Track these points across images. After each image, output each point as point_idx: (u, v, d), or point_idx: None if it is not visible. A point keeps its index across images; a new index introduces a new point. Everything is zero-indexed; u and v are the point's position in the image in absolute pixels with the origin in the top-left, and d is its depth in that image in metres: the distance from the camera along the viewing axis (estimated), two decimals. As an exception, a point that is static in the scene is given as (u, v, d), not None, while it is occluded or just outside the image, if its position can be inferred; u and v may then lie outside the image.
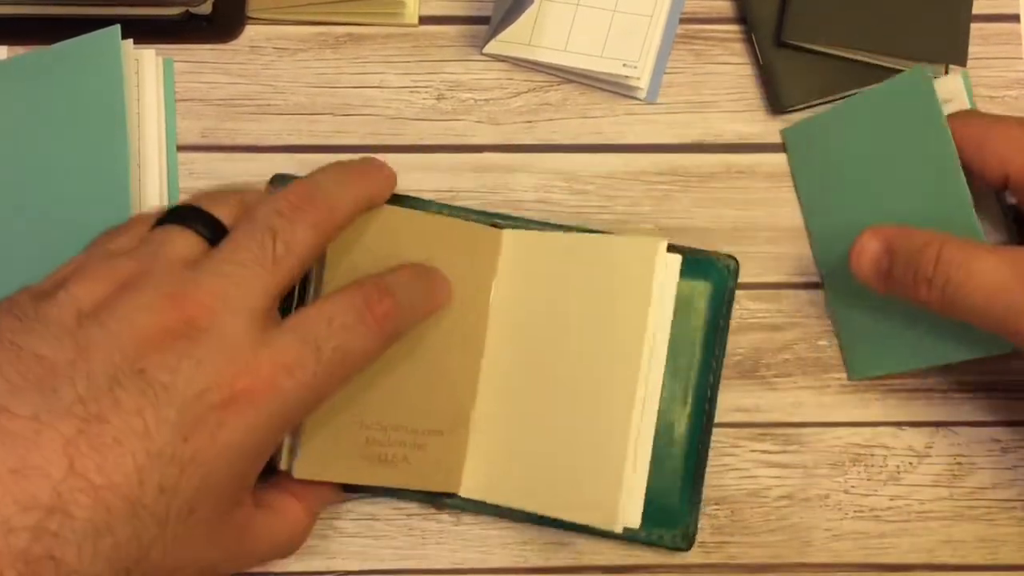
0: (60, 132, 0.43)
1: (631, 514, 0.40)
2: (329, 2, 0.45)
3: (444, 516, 0.42)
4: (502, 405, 0.41)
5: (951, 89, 0.42)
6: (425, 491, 0.41)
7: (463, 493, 0.41)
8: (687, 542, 0.41)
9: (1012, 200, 0.41)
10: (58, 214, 0.42)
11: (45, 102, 0.43)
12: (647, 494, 0.40)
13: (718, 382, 0.42)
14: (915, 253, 0.37)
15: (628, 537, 0.41)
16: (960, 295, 0.36)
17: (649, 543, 0.41)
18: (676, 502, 0.41)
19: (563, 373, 0.40)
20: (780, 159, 0.45)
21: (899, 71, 0.45)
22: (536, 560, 0.42)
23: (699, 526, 0.42)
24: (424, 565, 0.42)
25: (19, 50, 0.45)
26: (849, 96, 0.45)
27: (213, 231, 0.34)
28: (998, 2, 0.47)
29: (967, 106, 0.42)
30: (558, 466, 0.40)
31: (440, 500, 0.41)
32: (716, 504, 0.43)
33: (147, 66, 0.44)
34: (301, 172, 0.44)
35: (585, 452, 0.40)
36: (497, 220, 0.42)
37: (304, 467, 0.38)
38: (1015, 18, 0.47)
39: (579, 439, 0.39)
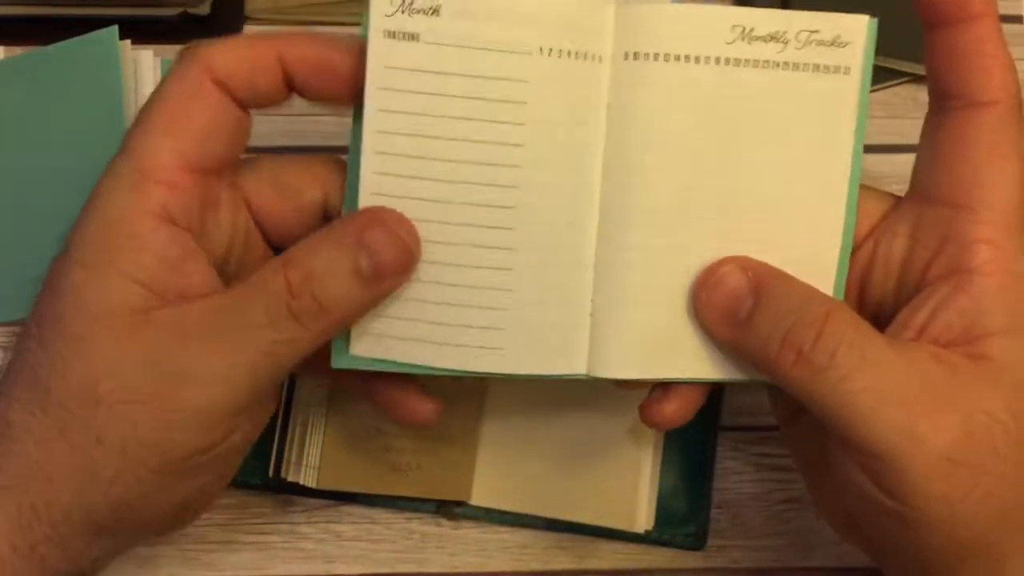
0: (57, 132, 0.42)
1: (646, 515, 0.40)
2: (327, 3, 0.45)
3: (443, 520, 0.42)
4: (511, 408, 0.41)
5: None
6: (436, 499, 0.41)
7: (474, 501, 0.41)
8: (700, 541, 0.41)
9: None
10: (55, 214, 0.42)
11: (42, 102, 0.43)
12: (659, 495, 0.41)
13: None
14: (793, 309, 0.29)
15: (642, 538, 0.41)
16: (842, 387, 0.27)
17: (662, 543, 0.41)
18: (687, 501, 0.41)
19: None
20: (781, 160, 0.45)
21: (901, 71, 0.45)
22: (536, 564, 0.42)
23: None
24: (423, 569, 0.42)
25: (17, 50, 0.45)
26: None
27: None
28: (1001, 3, 0.46)
29: (861, 55, 0.32)
30: (572, 469, 0.40)
31: (450, 509, 0.41)
32: (718, 508, 0.42)
33: (145, 67, 0.44)
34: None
35: (599, 454, 0.40)
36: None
37: (326, 478, 0.39)
38: (1018, 19, 0.47)
39: (592, 440, 0.39)
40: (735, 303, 0.30)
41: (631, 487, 0.40)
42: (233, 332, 0.29)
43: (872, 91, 0.45)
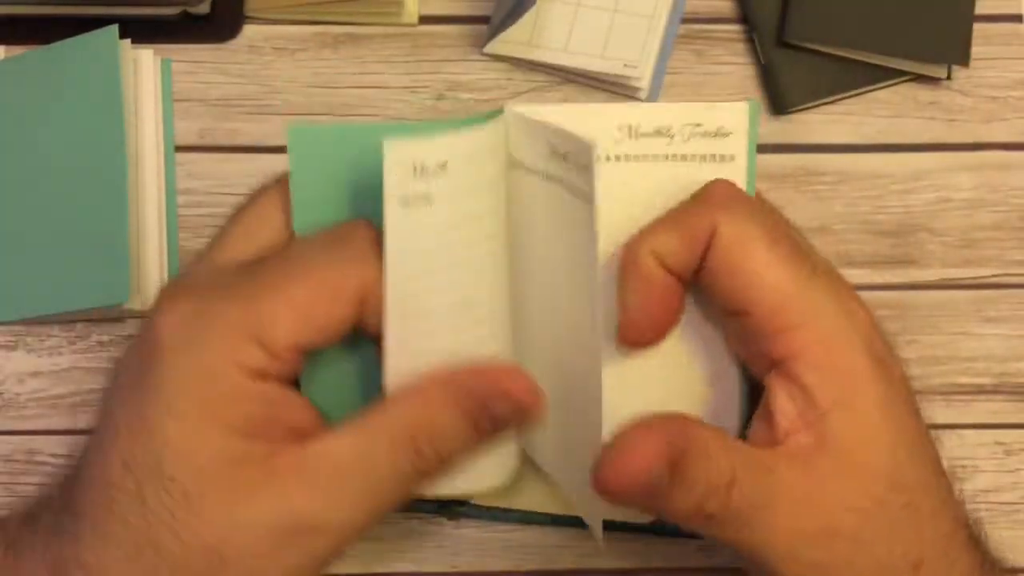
0: (57, 132, 0.42)
1: None
2: (328, 2, 0.45)
3: (443, 519, 0.42)
4: None
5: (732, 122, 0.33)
6: (437, 499, 0.41)
7: (475, 499, 0.41)
8: None
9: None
10: (55, 214, 0.42)
11: (42, 102, 0.43)
12: None
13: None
14: (703, 484, 0.29)
15: (647, 528, 0.41)
16: (741, 535, 0.30)
17: (667, 533, 0.41)
18: None
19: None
20: (781, 159, 0.45)
21: (901, 72, 0.45)
22: (536, 563, 0.42)
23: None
24: (423, 568, 0.42)
25: (17, 50, 0.45)
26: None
27: None
28: (1000, 2, 0.47)
29: (744, 143, 0.33)
30: (575, 466, 0.40)
31: (451, 508, 0.41)
32: (717, 507, 0.42)
33: (145, 66, 0.44)
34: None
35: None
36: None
37: None
38: (1017, 18, 0.47)
39: (591, 434, 0.39)
40: (651, 478, 0.29)
41: None
42: (360, 483, 0.29)
43: (872, 90, 0.46)
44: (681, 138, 0.31)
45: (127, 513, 0.28)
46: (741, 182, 0.32)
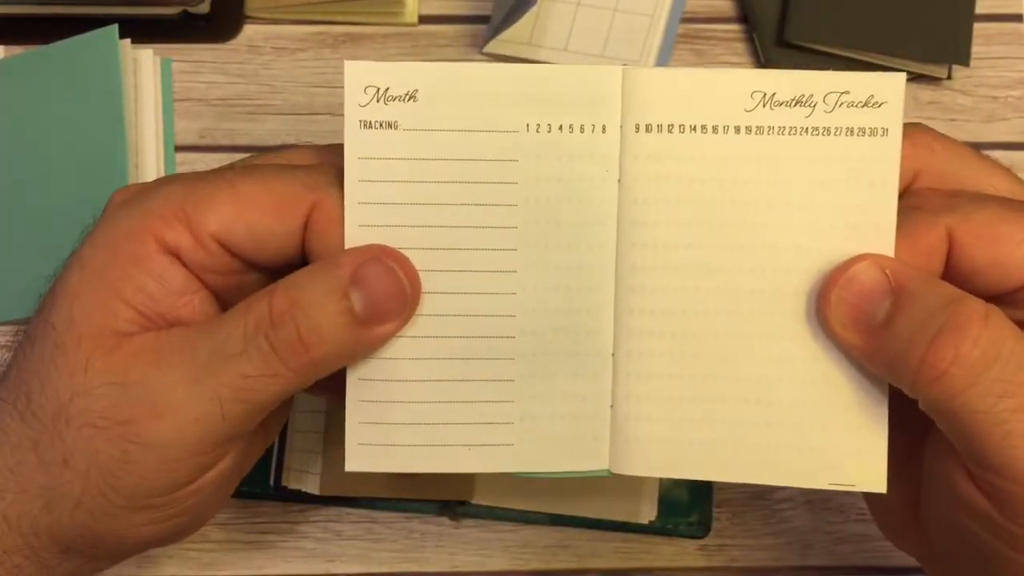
0: (57, 131, 0.42)
1: (650, 505, 0.41)
2: (328, 1, 0.45)
3: (443, 519, 0.42)
4: None
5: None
6: (438, 500, 0.41)
7: (476, 499, 0.41)
8: (704, 529, 0.41)
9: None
10: (55, 213, 0.42)
11: (42, 101, 0.43)
12: (661, 485, 0.41)
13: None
14: (942, 310, 0.25)
15: (646, 528, 0.41)
16: (999, 405, 0.24)
17: (666, 533, 0.41)
18: (689, 490, 0.42)
19: None
20: (782, 160, 0.45)
21: (901, 71, 0.45)
22: (536, 563, 0.42)
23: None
24: (423, 568, 0.42)
25: (17, 50, 0.45)
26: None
27: None
28: (1001, 2, 0.47)
29: (900, 115, 0.28)
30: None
31: (452, 508, 0.41)
32: (718, 507, 0.42)
33: (145, 66, 0.44)
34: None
35: None
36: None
37: (328, 485, 0.39)
38: (1017, 18, 0.47)
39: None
40: (870, 305, 0.26)
41: (634, 479, 0.40)
42: (202, 360, 0.26)
43: (872, 90, 0.45)
44: (824, 108, 0.27)
45: (19, 354, 0.28)
46: (895, 160, 0.28)
